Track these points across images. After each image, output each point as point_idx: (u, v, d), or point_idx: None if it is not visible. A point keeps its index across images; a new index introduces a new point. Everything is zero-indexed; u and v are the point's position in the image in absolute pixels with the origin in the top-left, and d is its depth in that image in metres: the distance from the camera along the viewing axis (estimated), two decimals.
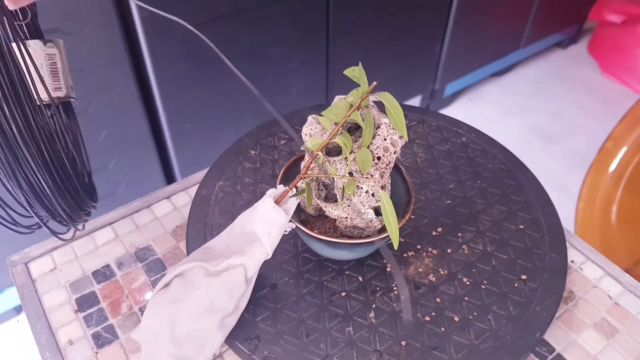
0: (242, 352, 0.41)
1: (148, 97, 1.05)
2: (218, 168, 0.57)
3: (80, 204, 0.43)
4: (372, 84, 0.41)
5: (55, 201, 0.40)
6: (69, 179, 0.41)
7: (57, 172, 0.39)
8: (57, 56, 0.42)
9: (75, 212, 0.43)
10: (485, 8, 1.64)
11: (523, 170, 0.58)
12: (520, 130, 1.80)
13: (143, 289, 0.48)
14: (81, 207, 0.43)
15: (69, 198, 0.41)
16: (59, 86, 0.42)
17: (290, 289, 0.46)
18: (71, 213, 0.42)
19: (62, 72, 0.42)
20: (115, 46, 0.93)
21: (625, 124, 1.31)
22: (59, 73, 0.42)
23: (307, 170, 0.42)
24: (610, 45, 2.03)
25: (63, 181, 0.40)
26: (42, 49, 0.41)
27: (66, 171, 0.40)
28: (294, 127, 0.63)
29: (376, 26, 1.37)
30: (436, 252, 0.49)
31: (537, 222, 0.52)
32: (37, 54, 0.40)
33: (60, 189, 0.40)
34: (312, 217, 0.48)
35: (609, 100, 1.95)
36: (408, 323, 0.43)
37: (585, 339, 0.45)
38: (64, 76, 0.43)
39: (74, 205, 0.42)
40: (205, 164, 0.59)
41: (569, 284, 0.49)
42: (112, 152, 1.05)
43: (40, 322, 0.45)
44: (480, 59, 1.82)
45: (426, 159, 0.60)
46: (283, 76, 1.24)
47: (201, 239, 0.49)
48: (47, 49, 0.41)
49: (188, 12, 0.97)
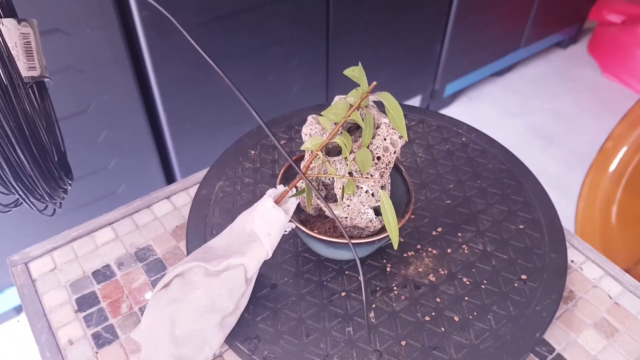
0: (242, 352, 0.41)
1: (148, 97, 1.05)
2: (218, 168, 0.57)
3: (58, 181, 0.44)
4: (372, 83, 0.41)
5: (35, 178, 0.41)
6: (47, 156, 0.42)
7: (36, 149, 0.40)
8: (31, 35, 0.42)
9: (53, 189, 0.43)
10: (485, 8, 1.64)
11: (523, 170, 0.58)
12: (520, 130, 1.80)
13: (143, 289, 0.48)
14: (58, 184, 0.44)
15: (47, 174, 0.42)
16: (33, 65, 0.42)
17: (290, 289, 0.46)
18: (50, 190, 0.43)
19: (36, 51, 0.42)
20: (115, 46, 0.93)
21: (625, 124, 1.31)
22: (33, 52, 0.42)
23: (307, 170, 0.42)
24: (610, 45, 2.03)
25: (42, 158, 0.41)
26: (16, 28, 0.41)
27: (43, 148, 0.41)
28: (294, 127, 0.63)
29: (376, 26, 1.37)
30: (436, 252, 0.49)
31: (537, 222, 0.52)
32: (11, 32, 0.40)
33: (39, 166, 0.41)
34: (312, 217, 0.48)
35: (609, 100, 1.95)
36: (408, 323, 0.43)
37: (585, 338, 0.45)
38: (38, 56, 0.43)
39: (52, 182, 0.43)
40: (205, 164, 0.60)
41: (569, 283, 0.49)
42: (112, 152, 1.05)
43: (40, 322, 0.45)
44: (480, 59, 1.82)
45: (426, 159, 0.60)
46: (283, 76, 1.24)
47: (201, 239, 0.49)
48: (22, 28, 0.41)
49: (189, 11, 0.97)
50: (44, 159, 0.41)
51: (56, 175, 0.43)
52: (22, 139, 0.38)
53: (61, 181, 0.44)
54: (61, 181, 0.44)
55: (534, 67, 2.11)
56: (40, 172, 0.41)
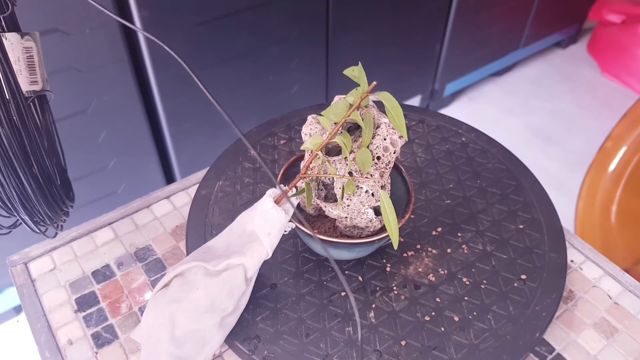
0: (242, 352, 0.41)
1: (148, 97, 1.05)
2: (218, 168, 0.57)
3: (60, 205, 0.43)
4: (372, 83, 0.41)
5: (37, 202, 0.40)
6: (50, 179, 0.41)
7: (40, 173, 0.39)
8: (34, 49, 0.41)
9: (55, 213, 0.42)
10: (485, 8, 1.64)
11: (523, 170, 0.58)
12: (520, 130, 1.80)
13: (143, 289, 0.48)
14: (60, 207, 0.43)
15: (50, 198, 0.41)
16: (35, 80, 0.42)
17: (290, 289, 0.46)
18: (52, 214, 0.42)
19: (38, 65, 0.42)
20: (115, 46, 0.93)
21: (625, 123, 1.31)
22: (35, 66, 0.41)
23: (307, 170, 0.42)
24: (609, 45, 2.03)
25: (45, 182, 0.40)
26: (19, 42, 0.40)
27: (46, 172, 0.40)
28: (294, 127, 0.63)
29: (376, 26, 1.37)
30: (436, 252, 0.49)
31: (537, 222, 0.52)
32: (14, 47, 0.40)
33: (42, 190, 0.39)
34: (312, 217, 0.48)
35: (609, 100, 1.95)
36: (408, 323, 0.43)
37: (585, 338, 0.45)
38: (40, 69, 0.42)
39: (55, 206, 0.42)
40: (205, 164, 0.59)
41: (569, 283, 0.49)
42: (112, 152, 1.05)
43: (40, 322, 0.45)
44: (480, 58, 1.82)
45: (426, 158, 0.60)
46: (283, 76, 1.24)
47: (201, 238, 0.49)
48: (25, 42, 0.41)
49: (188, 12, 0.97)
50: (47, 183, 0.40)
51: (58, 198, 0.42)
52: (25, 163, 0.37)
53: (63, 204, 0.43)
54: (63, 204, 0.43)
55: (534, 67, 2.11)
56: (43, 196, 0.40)
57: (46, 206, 0.40)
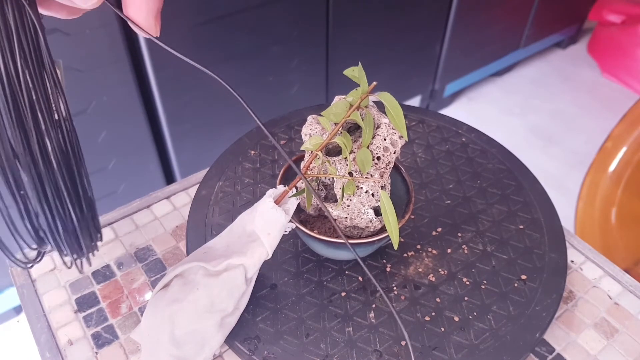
0: (242, 352, 0.41)
1: (148, 97, 1.05)
2: (218, 168, 0.57)
3: (94, 235, 0.41)
4: (372, 83, 0.41)
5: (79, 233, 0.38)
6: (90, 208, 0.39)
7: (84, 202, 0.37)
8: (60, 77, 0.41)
9: (89, 245, 0.41)
10: (485, 8, 1.64)
11: (523, 170, 0.58)
12: (520, 130, 1.80)
13: (143, 289, 0.48)
14: (93, 238, 0.42)
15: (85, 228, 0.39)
16: None
17: (290, 289, 0.46)
18: (85, 246, 0.40)
19: None
20: (115, 46, 0.93)
21: (625, 124, 1.31)
22: None
23: (307, 170, 0.42)
24: (609, 45, 2.03)
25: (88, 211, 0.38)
26: None
27: (89, 200, 0.38)
28: (294, 127, 0.63)
29: (376, 26, 1.37)
30: (436, 252, 0.49)
31: (537, 222, 0.52)
32: None
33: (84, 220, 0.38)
34: (312, 217, 0.48)
35: (609, 100, 1.95)
36: (408, 323, 0.43)
37: (585, 339, 0.45)
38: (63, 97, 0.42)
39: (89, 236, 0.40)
40: (205, 164, 0.59)
41: (569, 284, 0.49)
42: (112, 152, 1.05)
43: (40, 322, 0.45)
44: (480, 59, 1.83)
45: (426, 159, 0.60)
46: (283, 76, 1.24)
47: (201, 239, 0.49)
48: None
49: (188, 12, 0.97)
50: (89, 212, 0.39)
51: (93, 228, 0.41)
52: (74, 192, 0.36)
53: (97, 234, 0.42)
54: (97, 234, 0.42)
55: (534, 67, 2.11)
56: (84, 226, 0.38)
57: (82, 237, 0.39)
